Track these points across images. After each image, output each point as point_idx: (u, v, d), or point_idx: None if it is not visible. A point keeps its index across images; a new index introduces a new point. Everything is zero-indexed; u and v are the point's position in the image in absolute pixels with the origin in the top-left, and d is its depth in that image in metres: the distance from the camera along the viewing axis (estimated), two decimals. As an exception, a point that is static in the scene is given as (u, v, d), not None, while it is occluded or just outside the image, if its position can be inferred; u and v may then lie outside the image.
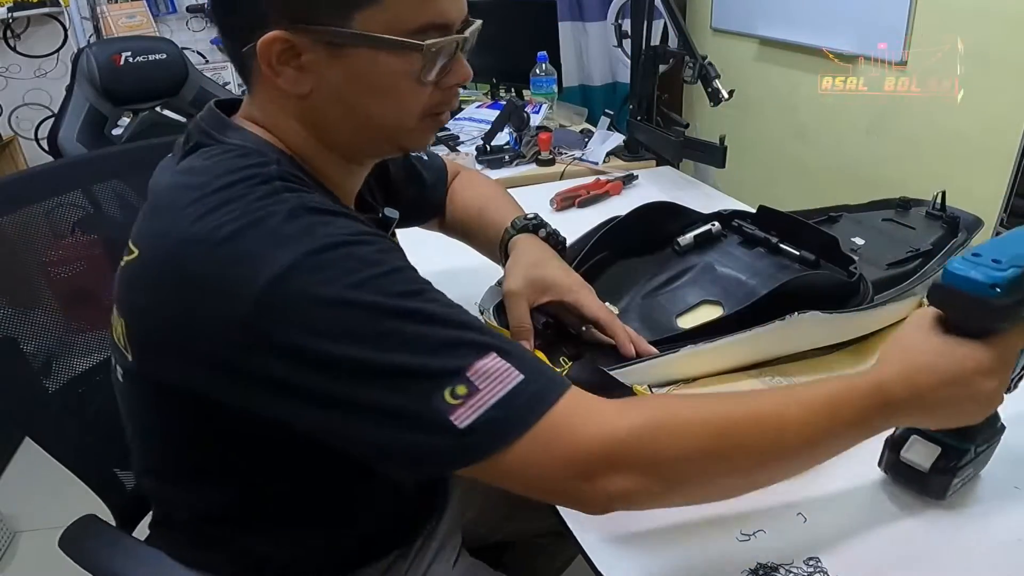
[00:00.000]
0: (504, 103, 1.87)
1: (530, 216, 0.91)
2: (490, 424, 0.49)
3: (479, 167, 1.73)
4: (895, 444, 0.67)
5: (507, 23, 2.10)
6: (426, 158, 0.98)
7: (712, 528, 0.63)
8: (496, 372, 0.50)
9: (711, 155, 1.53)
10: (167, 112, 2.33)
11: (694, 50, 1.49)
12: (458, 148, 1.90)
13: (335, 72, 0.59)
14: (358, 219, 0.58)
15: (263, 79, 0.60)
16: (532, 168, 1.77)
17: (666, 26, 1.91)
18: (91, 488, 0.84)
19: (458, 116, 2.14)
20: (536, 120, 1.96)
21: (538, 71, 2.06)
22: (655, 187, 1.61)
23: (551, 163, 1.77)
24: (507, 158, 1.78)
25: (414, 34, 0.58)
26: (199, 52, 3.08)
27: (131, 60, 2.13)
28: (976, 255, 0.56)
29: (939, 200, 1.07)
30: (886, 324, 0.90)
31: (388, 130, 0.64)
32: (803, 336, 0.84)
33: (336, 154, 0.66)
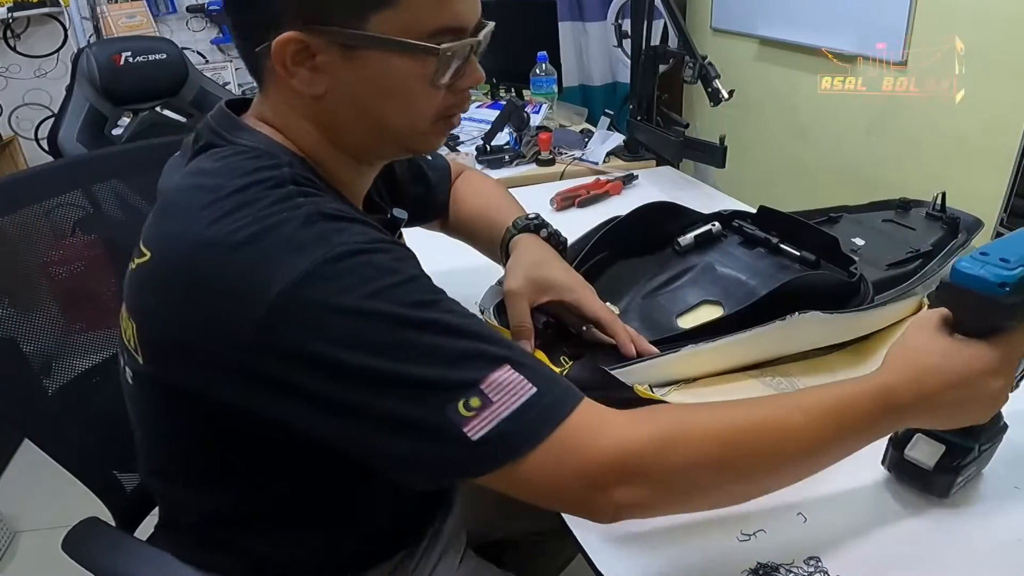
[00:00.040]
0: (504, 103, 1.87)
1: (531, 216, 0.90)
2: (503, 436, 0.49)
3: (479, 167, 1.73)
4: (899, 442, 0.67)
5: (507, 23, 2.07)
6: (430, 158, 0.97)
7: (712, 528, 0.63)
8: (510, 384, 0.50)
9: (711, 155, 1.53)
10: (167, 112, 2.34)
11: (694, 50, 1.49)
12: (458, 148, 1.90)
13: (349, 73, 0.58)
14: (373, 225, 0.58)
15: (276, 79, 0.60)
16: (532, 168, 1.77)
17: (666, 26, 1.91)
18: (91, 490, 0.84)
19: (458, 116, 2.14)
20: (536, 120, 1.96)
21: (538, 71, 2.06)
22: (655, 187, 1.61)
23: (551, 163, 1.77)
24: (507, 158, 1.78)
25: (429, 37, 0.58)
26: (199, 52, 3.08)
27: (131, 60, 2.13)
28: (984, 254, 0.56)
29: (939, 201, 1.07)
30: (886, 324, 0.90)
31: (400, 132, 0.64)
32: (804, 336, 0.84)
33: (347, 155, 0.65)
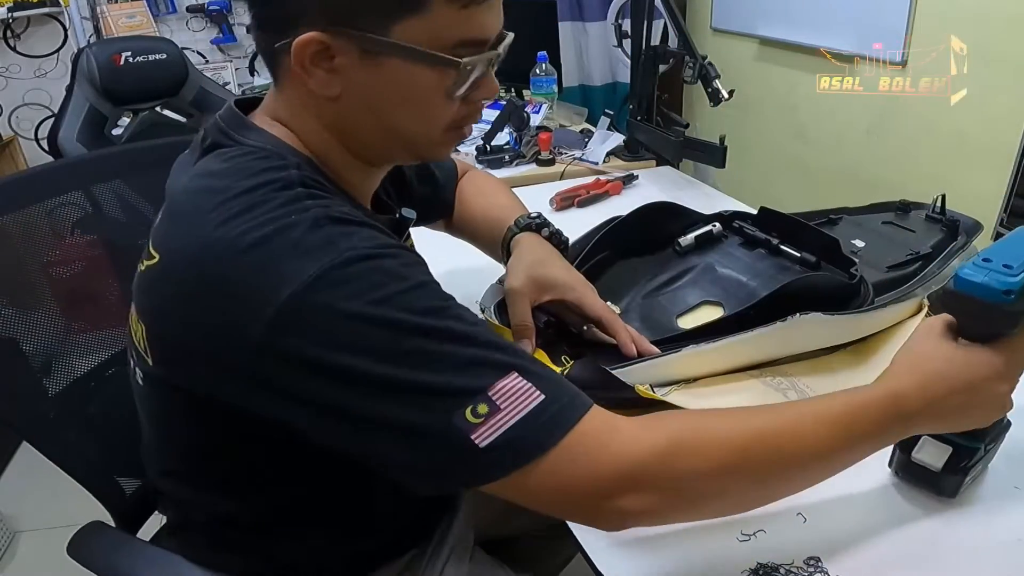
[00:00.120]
0: (504, 103, 1.86)
1: (533, 215, 0.90)
2: (510, 444, 0.49)
3: (479, 167, 1.72)
4: (905, 445, 0.67)
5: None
6: None
7: (712, 528, 0.63)
8: (518, 391, 0.50)
9: (711, 155, 1.53)
10: (167, 112, 2.33)
11: (694, 50, 1.49)
12: (458, 148, 1.90)
13: (366, 78, 0.58)
14: (381, 229, 0.58)
15: (292, 77, 0.59)
16: (532, 168, 1.77)
17: (666, 26, 1.91)
18: (91, 493, 0.84)
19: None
20: (536, 120, 1.96)
21: (538, 71, 2.06)
22: (655, 187, 1.61)
23: (551, 163, 1.77)
24: (507, 158, 1.78)
25: (451, 48, 0.57)
26: (199, 52, 3.08)
27: (131, 60, 2.13)
28: (987, 260, 0.56)
29: (939, 203, 1.07)
30: (887, 326, 0.90)
31: (412, 140, 0.64)
32: (804, 337, 0.84)
33: (355, 157, 0.65)
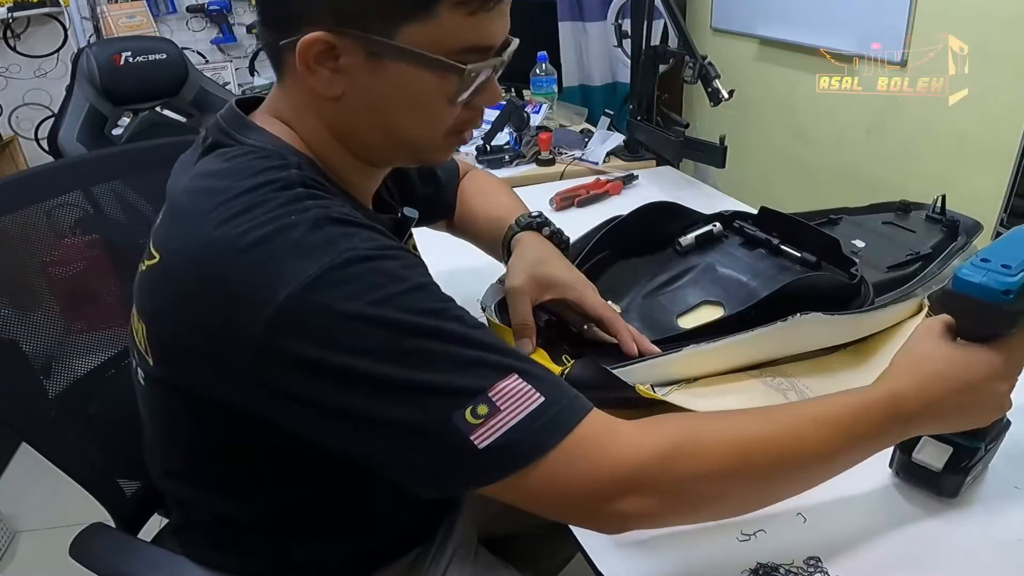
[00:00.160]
0: (504, 103, 1.86)
1: (534, 214, 0.90)
2: (509, 446, 0.49)
3: (479, 167, 1.72)
4: (906, 445, 0.67)
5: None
6: None
7: (712, 528, 0.63)
8: (518, 393, 0.50)
9: (711, 155, 1.53)
10: (167, 112, 2.33)
11: (694, 50, 1.49)
12: (458, 148, 1.90)
13: (370, 79, 0.58)
14: (381, 231, 0.58)
15: (295, 75, 0.59)
16: (532, 168, 1.77)
17: (666, 26, 1.91)
18: (91, 494, 0.84)
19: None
20: (536, 120, 1.96)
21: (538, 71, 2.06)
22: (655, 187, 1.61)
23: (551, 163, 1.77)
24: (507, 158, 1.79)
25: (456, 54, 0.57)
26: (199, 52, 3.08)
27: (131, 60, 2.13)
28: (985, 260, 0.56)
29: (939, 204, 1.07)
30: (887, 326, 0.90)
31: (412, 142, 0.64)
32: (805, 337, 0.84)
33: (355, 157, 0.65)
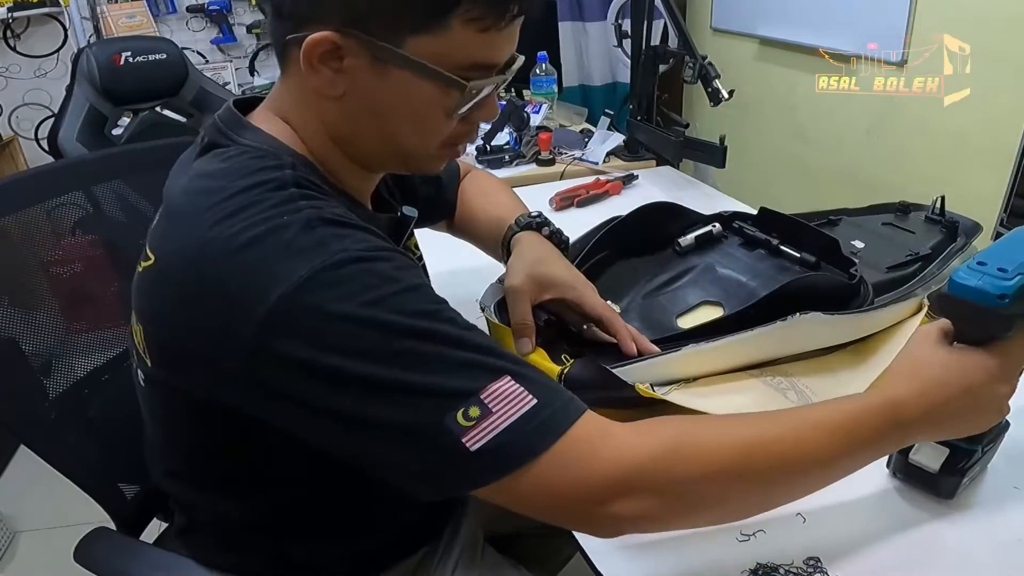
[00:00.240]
0: (504, 103, 1.86)
1: (534, 214, 0.90)
2: (502, 448, 0.49)
3: (479, 167, 1.72)
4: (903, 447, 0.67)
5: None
6: None
7: (712, 528, 0.62)
8: (510, 395, 0.50)
9: (711, 155, 1.53)
10: (167, 112, 2.33)
11: (694, 50, 1.49)
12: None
13: (371, 84, 0.58)
14: (376, 232, 0.58)
15: (298, 72, 0.59)
16: (532, 168, 1.77)
17: (666, 26, 1.91)
18: (92, 497, 0.83)
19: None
20: (536, 120, 1.96)
21: (538, 71, 2.06)
22: (655, 187, 1.61)
23: (551, 163, 1.77)
24: (507, 158, 1.78)
25: (461, 69, 0.58)
26: (199, 52, 3.08)
27: (131, 60, 2.13)
28: (981, 263, 0.56)
29: (938, 205, 1.07)
30: (887, 325, 0.90)
31: (405, 150, 0.64)
32: (804, 336, 0.84)
33: (349, 159, 0.65)
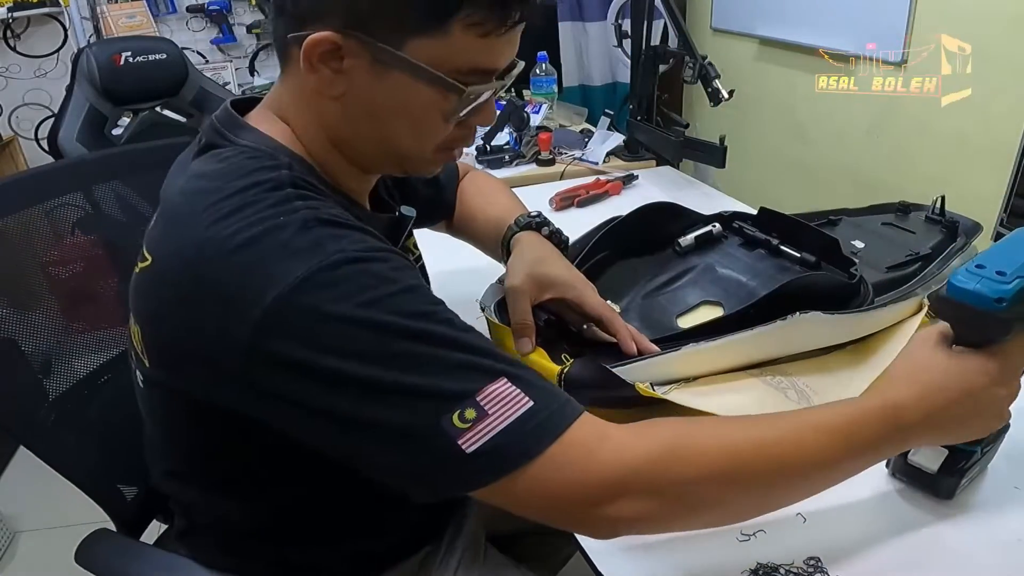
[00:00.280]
0: (504, 103, 1.86)
1: (533, 214, 0.90)
2: (498, 450, 0.49)
3: (479, 167, 1.73)
4: None
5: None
6: None
7: (712, 528, 0.63)
8: (506, 397, 0.50)
9: (711, 155, 1.53)
10: (167, 112, 2.33)
11: (694, 50, 1.49)
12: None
13: (370, 84, 0.58)
14: (373, 233, 0.58)
15: (297, 71, 0.59)
16: (532, 168, 1.77)
17: (666, 26, 1.91)
18: (92, 498, 0.83)
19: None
20: (536, 120, 1.96)
21: (538, 71, 2.06)
22: (655, 187, 1.61)
23: (551, 163, 1.77)
24: (507, 158, 1.78)
25: (460, 74, 0.58)
26: (199, 52, 3.08)
27: (131, 60, 2.13)
28: (980, 266, 0.55)
29: (938, 205, 1.07)
30: (887, 325, 0.90)
31: (401, 153, 0.64)
32: (804, 336, 0.84)
33: (345, 159, 0.65)
